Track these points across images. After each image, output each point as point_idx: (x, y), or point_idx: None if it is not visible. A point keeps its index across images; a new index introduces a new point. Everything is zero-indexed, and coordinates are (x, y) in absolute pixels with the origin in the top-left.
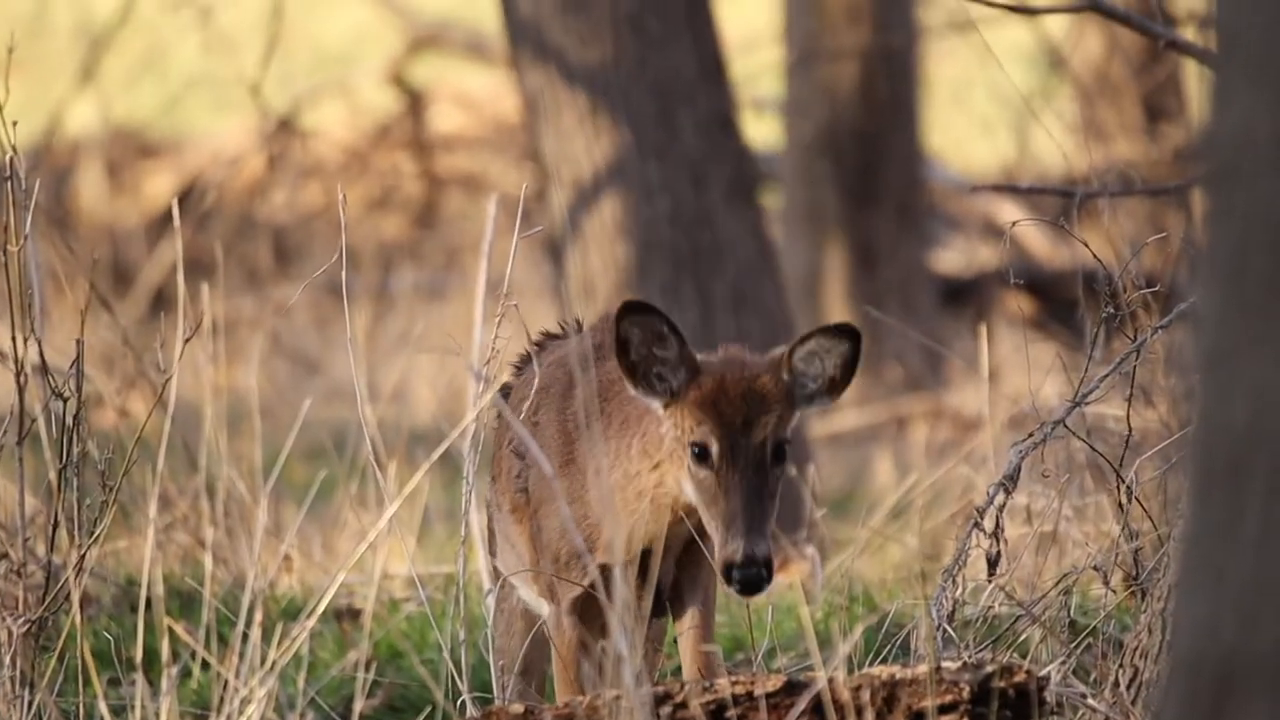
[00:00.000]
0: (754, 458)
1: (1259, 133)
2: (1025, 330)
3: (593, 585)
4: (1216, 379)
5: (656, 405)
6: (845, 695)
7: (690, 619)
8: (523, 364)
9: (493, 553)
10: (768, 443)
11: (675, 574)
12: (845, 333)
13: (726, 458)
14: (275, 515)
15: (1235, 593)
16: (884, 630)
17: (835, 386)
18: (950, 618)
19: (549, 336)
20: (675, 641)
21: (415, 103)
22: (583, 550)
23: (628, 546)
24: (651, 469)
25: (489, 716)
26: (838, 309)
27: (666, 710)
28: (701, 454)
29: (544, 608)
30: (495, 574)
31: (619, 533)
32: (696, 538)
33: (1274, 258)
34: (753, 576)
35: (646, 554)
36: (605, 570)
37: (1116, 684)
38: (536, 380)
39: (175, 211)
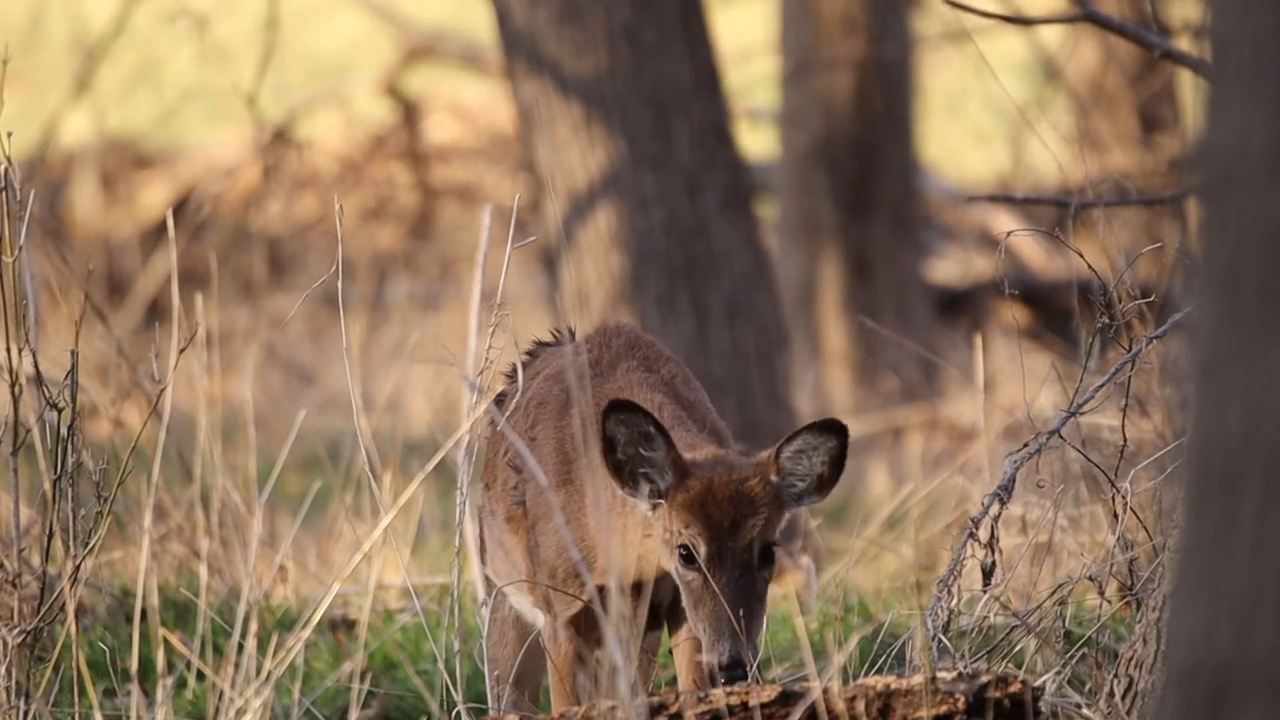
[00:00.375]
0: (741, 560)
1: (1253, 143)
2: (1020, 340)
3: (590, 602)
4: (1211, 389)
5: (644, 507)
6: (840, 705)
7: (686, 631)
8: (514, 374)
9: (484, 560)
10: (755, 545)
11: (671, 586)
12: (832, 429)
13: (714, 560)
14: (270, 526)
15: (1230, 603)
16: (879, 640)
17: (824, 484)
18: (945, 628)
19: (541, 345)
20: (670, 652)
21: (410, 113)
22: (581, 569)
23: (623, 574)
24: (642, 539)
25: None
26: (833, 319)
27: None
28: (688, 556)
29: (538, 617)
30: (488, 583)
31: (614, 558)
32: None
33: (1268, 268)
34: (734, 679)
35: (637, 587)
36: (603, 587)
37: (1111, 694)
38: (530, 392)
39: (170, 222)
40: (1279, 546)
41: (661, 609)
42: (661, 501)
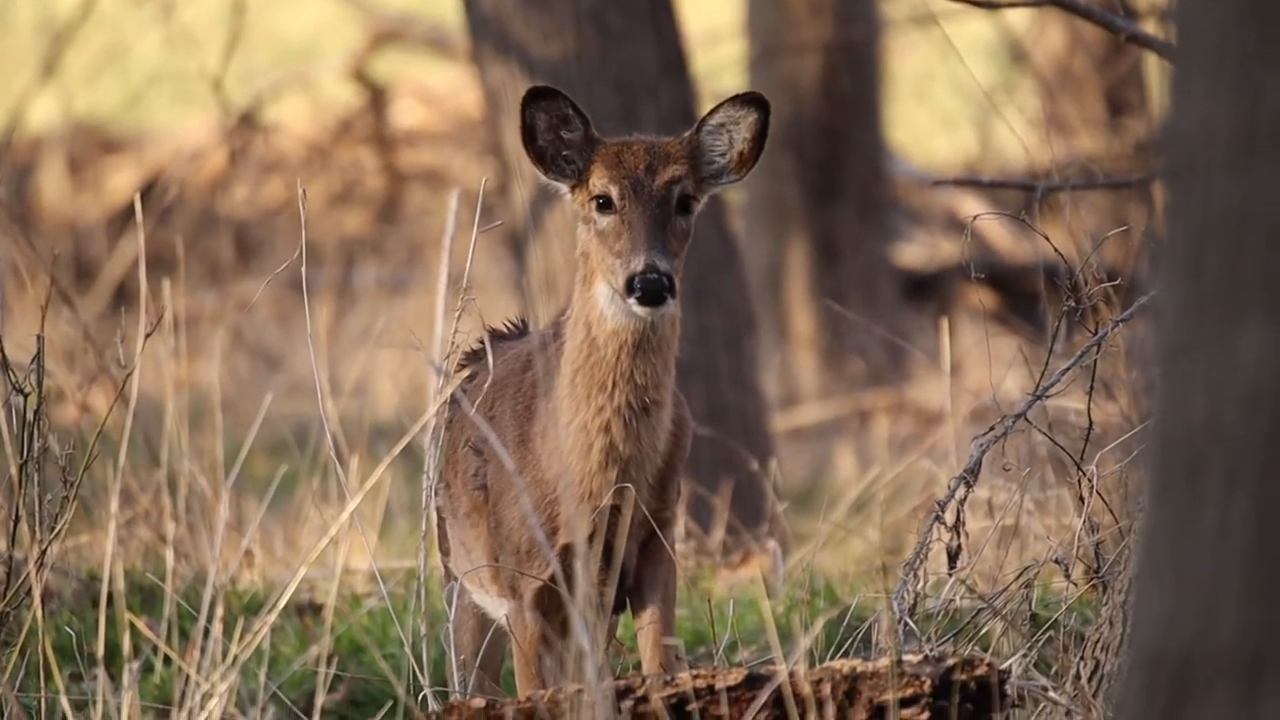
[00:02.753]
0: (657, 197)
1: (1217, 127)
2: (987, 324)
3: (554, 578)
4: (1175, 374)
5: (564, 189)
6: (806, 689)
7: (650, 614)
8: (468, 362)
9: (445, 551)
10: (672, 188)
11: (636, 569)
12: (753, 102)
13: (628, 197)
14: (237, 510)
15: (1194, 587)
16: (845, 624)
17: (743, 161)
18: (911, 611)
19: (495, 336)
20: (635, 636)
21: (377, 98)
22: (543, 540)
23: (590, 501)
24: (579, 339)
25: (450, 711)
26: (800, 303)
27: (628, 704)
28: (605, 203)
29: (499, 610)
30: (448, 572)
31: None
32: (657, 530)
33: (1231, 253)
34: (652, 283)
35: (606, 549)
36: (566, 555)
37: (1078, 677)
38: (491, 377)
39: (137, 207)
40: (1242, 531)
41: (627, 580)
42: (579, 183)
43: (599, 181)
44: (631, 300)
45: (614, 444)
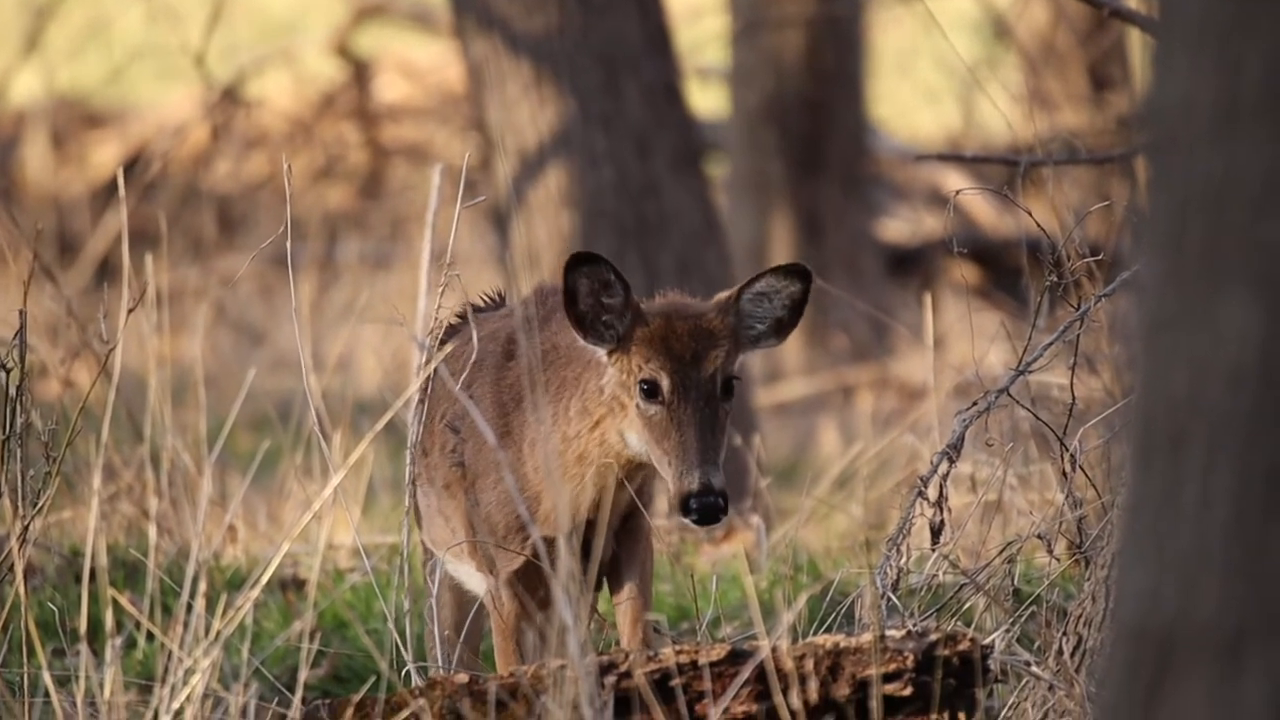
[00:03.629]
0: (704, 390)
1: (1199, 102)
2: (970, 299)
3: (534, 555)
4: (1156, 349)
5: (602, 354)
6: (789, 664)
7: (628, 591)
8: (448, 336)
9: (420, 525)
10: (717, 376)
11: (613, 548)
12: (795, 273)
13: (678, 391)
14: (220, 485)
15: (1176, 562)
16: (828, 599)
17: (782, 328)
18: (895, 586)
19: (474, 309)
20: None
21: (360, 72)
22: (524, 520)
23: (573, 507)
24: (591, 428)
25: (434, 686)
26: None
27: (611, 679)
28: (651, 390)
29: (478, 583)
30: (426, 549)
31: (563, 501)
32: (639, 505)
33: (1212, 227)
34: (710, 505)
35: (588, 527)
36: (545, 540)
37: (1060, 652)
38: (473, 353)
39: (120, 181)
40: (1224, 506)
41: (603, 568)
42: (618, 349)
43: (646, 366)
44: (686, 518)
45: (603, 479)
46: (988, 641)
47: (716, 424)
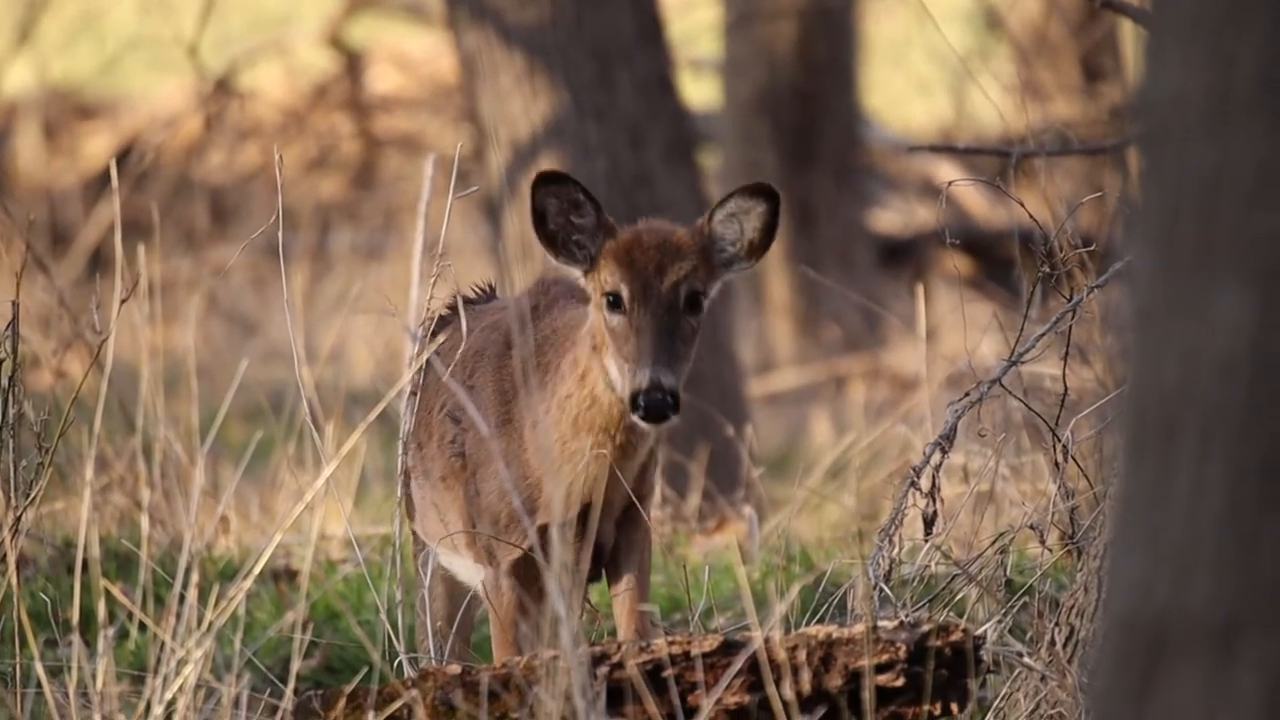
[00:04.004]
0: (665, 299)
1: (1191, 94)
2: (962, 290)
3: (532, 547)
4: (1148, 339)
5: (577, 273)
6: (782, 655)
7: (626, 582)
8: (440, 327)
9: (411, 517)
10: (681, 287)
11: (613, 539)
12: (763, 193)
13: (637, 299)
14: (212, 476)
15: (1168, 552)
16: (821, 590)
17: (754, 249)
18: (887, 577)
19: (467, 301)
20: (610, 603)
21: (353, 63)
22: (522, 511)
23: (568, 501)
24: (580, 380)
25: (426, 677)
26: (775, 269)
27: (604, 670)
28: (615, 301)
29: (473, 575)
30: (417, 539)
31: (559, 490)
32: (635, 501)
33: (1204, 219)
34: (657, 402)
35: (585, 517)
36: (544, 531)
37: (1053, 642)
38: (469, 343)
39: (113, 172)
40: (1216, 496)
41: (604, 558)
42: (592, 270)
43: (609, 278)
44: (635, 415)
45: (603, 458)
46: (980, 632)
47: (677, 332)
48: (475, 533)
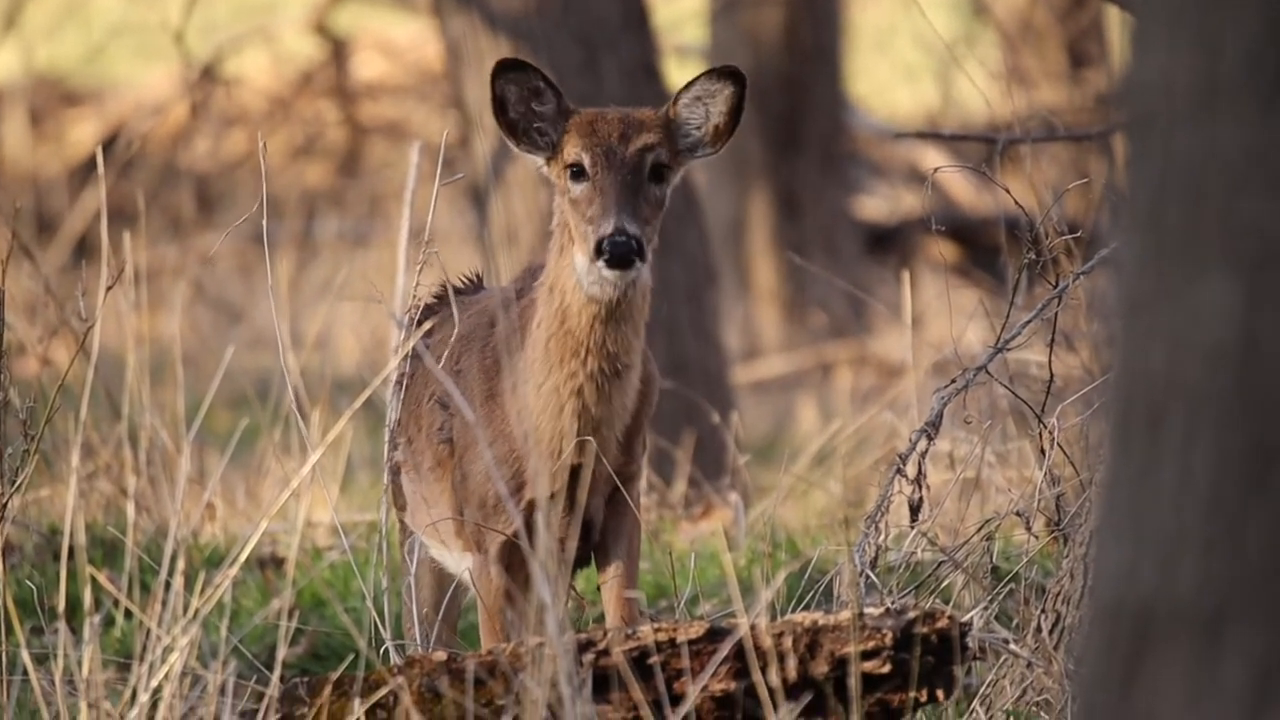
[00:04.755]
0: (630, 165)
1: (1176, 80)
2: (948, 276)
3: (518, 533)
4: (1134, 327)
5: (540, 161)
6: (767, 642)
7: (614, 569)
8: (427, 316)
9: (400, 507)
10: (645, 156)
11: (601, 524)
12: (729, 75)
13: (599, 163)
14: (198, 463)
15: (1153, 539)
16: (807, 576)
17: (719, 134)
18: (873, 564)
19: (455, 290)
20: (599, 589)
21: (338, 50)
22: (506, 495)
23: (554, 467)
24: (548, 295)
25: (411, 664)
26: (762, 256)
27: (589, 657)
28: (578, 171)
29: (460, 566)
30: (405, 529)
31: (542, 438)
32: (620, 485)
33: (1190, 206)
34: (621, 245)
35: (572, 494)
36: (532, 513)
37: (1039, 629)
38: (457, 330)
39: (99, 160)
40: (1202, 484)
41: (593, 536)
42: (554, 156)
43: (572, 150)
44: (600, 263)
45: (585, 406)
46: (966, 619)
47: (642, 193)
48: (463, 520)
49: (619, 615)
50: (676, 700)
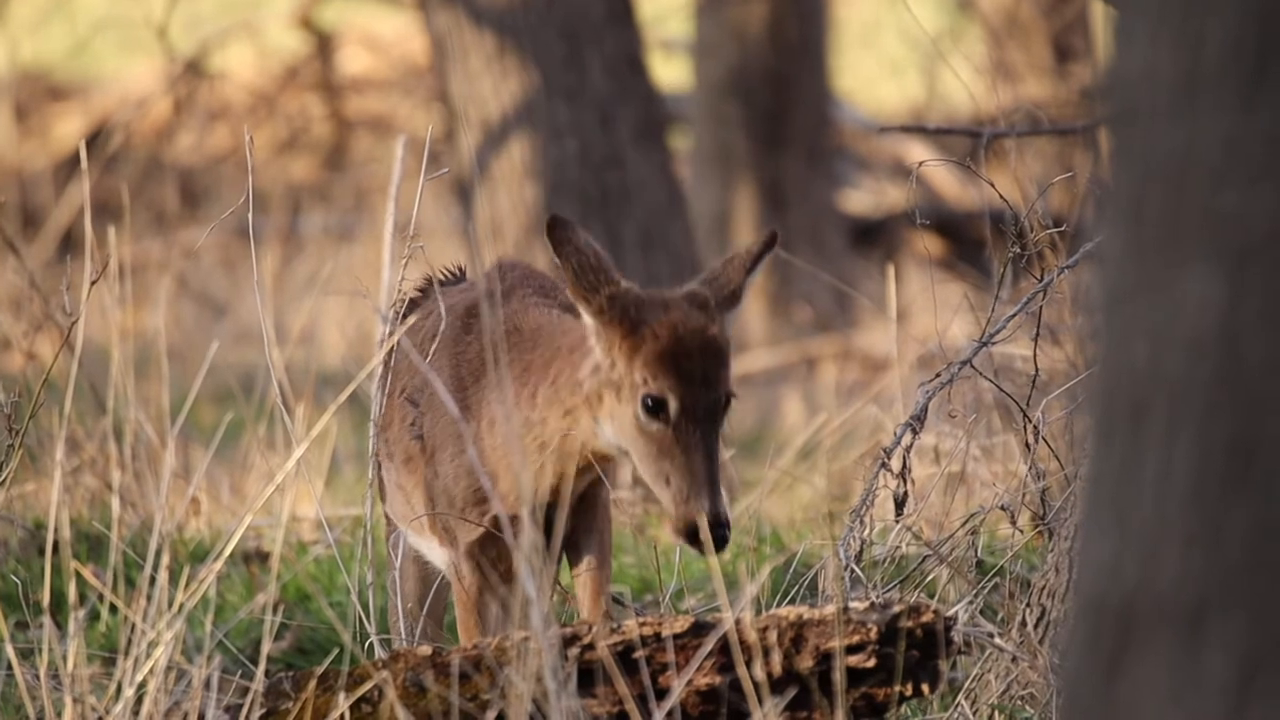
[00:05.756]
0: (711, 412)
1: (1160, 75)
2: (933, 270)
3: (494, 526)
4: (1117, 320)
5: (586, 312)
6: (752, 636)
7: (586, 564)
8: (409, 310)
9: (384, 499)
10: (721, 399)
11: (572, 520)
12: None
13: (686, 413)
14: (183, 458)
15: (1137, 534)
16: (792, 571)
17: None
18: (858, 558)
19: (440, 282)
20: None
21: (323, 45)
22: (485, 492)
23: (530, 493)
24: (562, 415)
25: (397, 658)
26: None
27: (574, 652)
28: (656, 408)
29: (434, 555)
30: (389, 521)
31: (526, 478)
32: (603, 477)
33: (1172, 200)
34: (720, 538)
35: (548, 506)
36: (497, 519)
37: (1024, 623)
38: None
39: (83, 154)
40: (1184, 478)
41: (564, 539)
42: (613, 343)
43: (653, 382)
44: (683, 541)
45: (566, 460)
46: (951, 613)
47: (717, 450)
48: (436, 515)
49: (594, 610)
50: (661, 694)
